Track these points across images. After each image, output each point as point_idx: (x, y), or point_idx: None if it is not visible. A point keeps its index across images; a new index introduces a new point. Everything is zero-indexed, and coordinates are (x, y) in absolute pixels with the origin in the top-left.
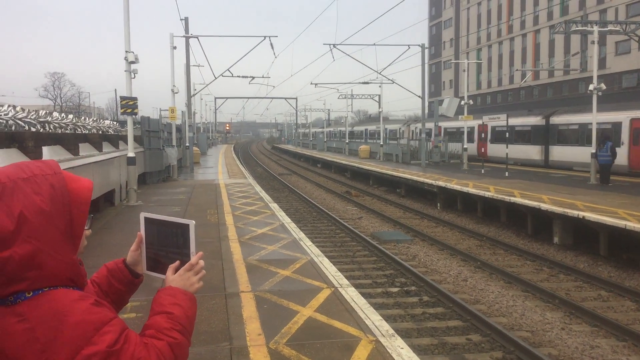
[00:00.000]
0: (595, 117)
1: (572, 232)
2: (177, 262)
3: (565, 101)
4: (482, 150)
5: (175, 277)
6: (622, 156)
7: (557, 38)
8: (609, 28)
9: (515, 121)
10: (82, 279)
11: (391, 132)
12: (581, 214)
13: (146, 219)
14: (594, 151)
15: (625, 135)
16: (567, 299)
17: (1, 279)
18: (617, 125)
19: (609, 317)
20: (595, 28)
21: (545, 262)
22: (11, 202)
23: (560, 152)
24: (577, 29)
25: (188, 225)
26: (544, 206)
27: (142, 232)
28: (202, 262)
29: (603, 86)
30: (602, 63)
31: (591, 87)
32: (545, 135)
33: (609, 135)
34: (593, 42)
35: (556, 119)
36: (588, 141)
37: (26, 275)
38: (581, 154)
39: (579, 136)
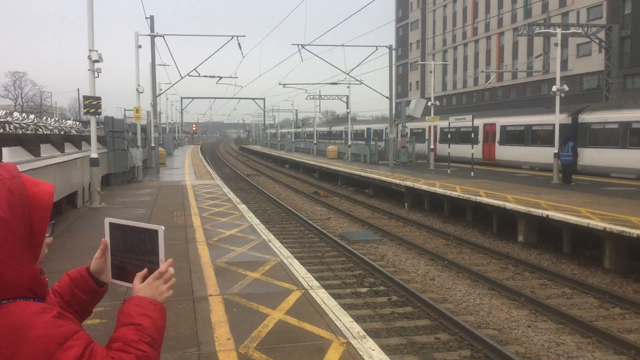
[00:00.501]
0: None
1: (536, 231)
2: (145, 270)
3: (528, 102)
4: (490, 153)
5: (143, 286)
6: None
7: (520, 40)
8: (571, 31)
9: (531, 120)
10: (43, 290)
11: (375, 133)
12: (545, 212)
13: (111, 224)
14: (556, 151)
15: None
16: (533, 297)
17: None
18: None
19: (573, 314)
20: (559, 30)
21: (510, 261)
22: None
23: (594, 156)
24: (540, 31)
25: (157, 230)
26: (509, 205)
27: (107, 238)
28: (172, 270)
29: (566, 87)
30: (564, 65)
31: (554, 88)
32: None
33: (570, 136)
34: (556, 44)
35: (587, 117)
36: (633, 143)
37: None
38: (625, 157)
39: (620, 136)
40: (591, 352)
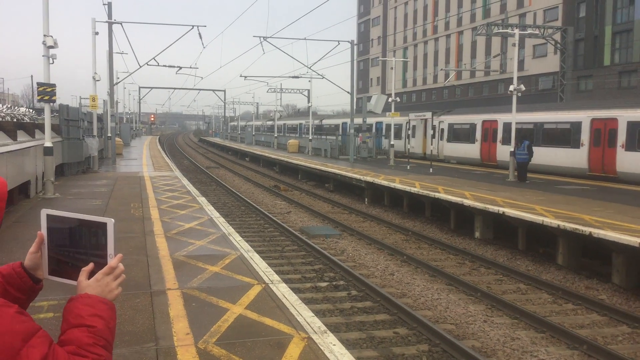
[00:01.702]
0: None
1: (492, 227)
2: (91, 265)
3: (486, 101)
4: (489, 153)
5: (91, 283)
6: None
7: (479, 40)
8: (528, 32)
9: (544, 117)
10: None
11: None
12: (501, 209)
13: (49, 216)
14: (512, 150)
15: None
16: (489, 292)
17: None
18: None
19: (527, 310)
20: (516, 31)
21: (467, 256)
22: None
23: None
24: (498, 31)
25: (105, 223)
26: (467, 202)
27: (44, 231)
28: (121, 266)
29: (522, 87)
30: (520, 65)
31: (511, 87)
32: None
33: (525, 135)
34: (514, 45)
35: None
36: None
37: None
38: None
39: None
40: (545, 347)
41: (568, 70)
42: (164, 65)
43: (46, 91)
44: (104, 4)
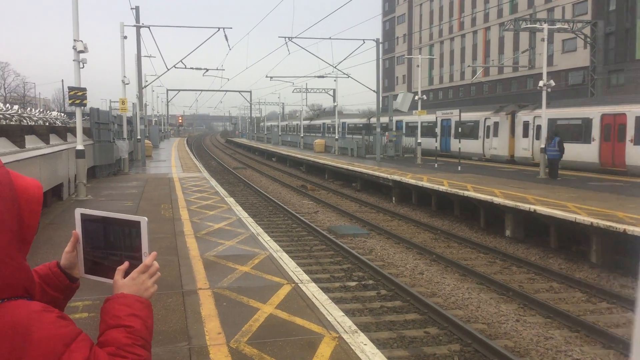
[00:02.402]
0: None
1: (523, 225)
2: (126, 264)
3: (514, 97)
4: (614, 156)
5: (127, 282)
6: None
7: (506, 35)
8: (557, 26)
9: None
10: (34, 288)
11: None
12: (532, 207)
13: (83, 215)
14: (543, 146)
15: None
16: (521, 291)
17: None
18: None
19: (561, 309)
20: (545, 26)
21: (498, 255)
22: None
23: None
24: (527, 26)
25: (139, 222)
26: (497, 200)
27: (79, 230)
28: (156, 264)
29: (552, 83)
30: (549, 60)
31: (541, 83)
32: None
33: (557, 131)
34: (543, 40)
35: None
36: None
37: None
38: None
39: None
40: (579, 347)
41: (599, 65)
42: (191, 68)
43: (77, 95)
44: (131, 8)
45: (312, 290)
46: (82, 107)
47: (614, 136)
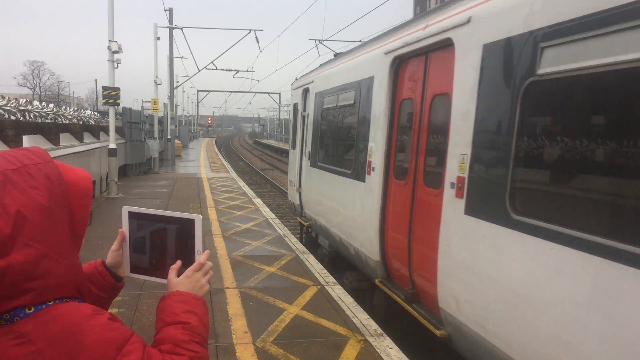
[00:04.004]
0: None
1: None
2: (179, 262)
3: None
4: None
5: (182, 280)
6: None
7: None
8: None
9: None
10: (85, 287)
11: None
12: None
13: (131, 213)
14: None
15: None
16: None
17: None
18: None
19: None
20: None
21: None
22: (4, 199)
23: None
24: None
25: (193, 220)
26: None
27: (125, 228)
28: (210, 262)
29: None
30: None
31: None
32: None
33: None
34: None
35: None
36: None
37: (29, 287)
38: None
39: None
40: None
41: None
42: (221, 69)
43: (111, 94)
44: (165, 10)
45: (338, 292)
46: (115, 107)
47: None
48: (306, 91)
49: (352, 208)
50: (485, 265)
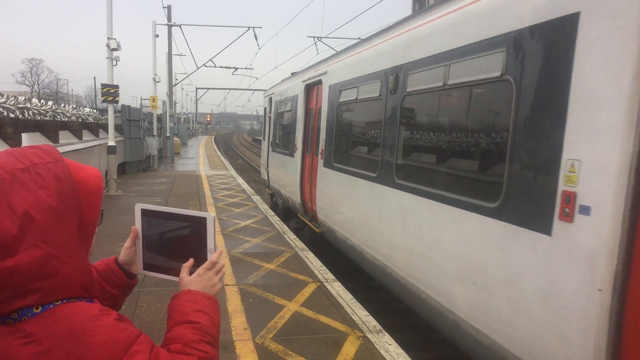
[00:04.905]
0: None
1: None
2: (191, 261)
3: None
4: None
5: (193, 278)
6: None
7: None
8: None
9: None
10: (94, 287)
11: None
12: None
13: (144, 210)
14: None
15: None
16: None
17: (5, 293)
18: None
19: None
20: None
21: None
22: (11, 199)
23: None
24: None
25: (205, 218)
26: None
27: (138, 225)
28: (222, 261)
29: None
30: None
31: None
32: None
33: None
34: None
35: None
36: None
37: (36, 287)
38: None
39: None
40: None
41: None
42: (220, 67)
43: (110, 92)
44: (163, 7)
45: (337, 289)
46: (114, 104)
47: None
48: (271, 99)
49: (289, 174)
50: (331, 190)
